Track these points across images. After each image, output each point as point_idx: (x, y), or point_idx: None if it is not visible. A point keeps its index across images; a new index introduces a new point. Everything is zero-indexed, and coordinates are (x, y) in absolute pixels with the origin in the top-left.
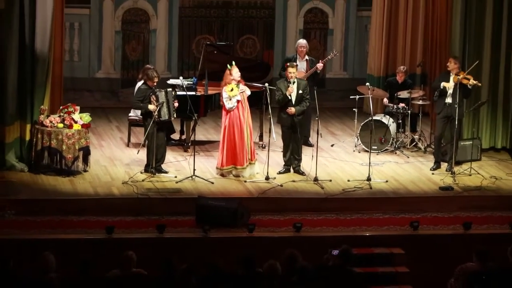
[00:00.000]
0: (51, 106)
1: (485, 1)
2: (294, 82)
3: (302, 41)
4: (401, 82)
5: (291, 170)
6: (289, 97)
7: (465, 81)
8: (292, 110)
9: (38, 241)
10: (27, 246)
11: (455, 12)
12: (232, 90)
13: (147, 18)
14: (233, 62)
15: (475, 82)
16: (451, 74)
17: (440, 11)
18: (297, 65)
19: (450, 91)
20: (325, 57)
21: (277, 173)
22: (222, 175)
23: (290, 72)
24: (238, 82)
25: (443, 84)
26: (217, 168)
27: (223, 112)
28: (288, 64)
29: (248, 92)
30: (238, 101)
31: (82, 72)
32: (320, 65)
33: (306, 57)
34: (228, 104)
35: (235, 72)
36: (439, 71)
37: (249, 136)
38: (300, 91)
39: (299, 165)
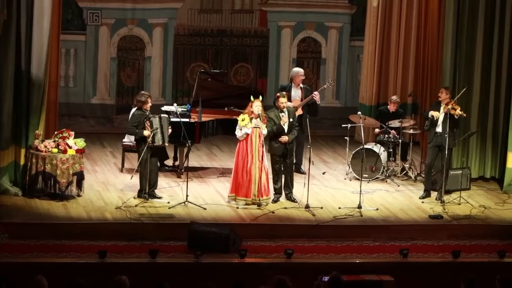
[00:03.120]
0: (46, 131)
1: (476, 32)
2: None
3: (301, 70)
4: (392, 112)
5: (284, 197)
6: (284, 126)
7: (452, 112)
8: (285, 138)
9: (31, 264)
10: (20, 269)
11: (446, 43)
12: (243, 120)
13: (143, 46)
14: (261, 97)
15: (460, 112)
16: (442, 104)
17: (431, 42)
18: (277, 95)
19: (440, 120)
20: (319, 86)
21: (271, 202)
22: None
23: (282, 102)
24: (257, 117)
25: (431, 113)
26: (228, 196)
27: (238, 143)
28: (278, 94)
29: (264, 132)
30: (247, 134)
31: (77, 97)
32: (316, 94)
33: (301, 85)
34: (236, 132)
35: (255, 106)
36: (430, 100)
37: (257, 172)
38: (291, 119)
39: (291, 192)
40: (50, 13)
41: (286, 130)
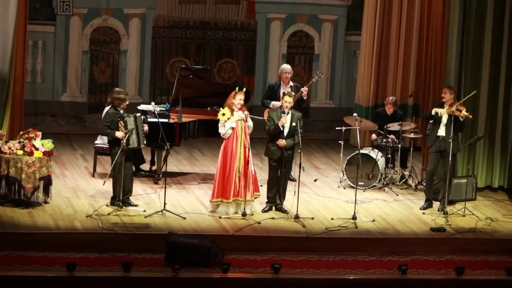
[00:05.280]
0: (10, 131)
1: (484, 27)
2: (288, 113)
3: (287, 67)
4: (391, 114)
5: (274, 207)
6: (281, 128)
7: (457, 113)
8: (283, 142)
9: None
10: None
11: (451, 40)
12: (224, 114)
13: (118, 38)
14: (244, 89)
15: (466, 114)
16: (445, 105)
17: (435, 38)
18: (284, 92)
19: (443, 123)
20: (309, 81)
21: (262, 211)
22: (213, 211)
23: (286, 101)
24: (240, 109)
25: (434, 109)
26: (210, 201)
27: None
28: (286, 92)
29: (250, 123)
30: (233, 129)
31: (45, 95)
32: (304, 89)
33: (291, 83)
34: (220, 130)
35: (237, 99)
36: (432, 102)
37: (241, 170)
38: (294, 124)
39: (282, 204)
40: (16, 1)
41: (285, 134)
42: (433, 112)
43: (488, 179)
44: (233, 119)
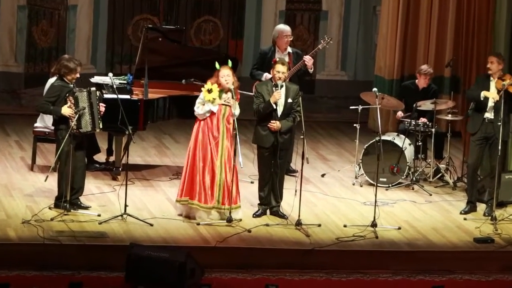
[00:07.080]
0: None
1: None
2: (282, 86)
3: (286, 28)
4: (422, 88)
5: (268, 211)
6: (273, 106)
7: (510, 88)
8: (276, 124)
9: None
10: None
11: None
12: (210, 91)
13: None
14: (229, 62)
15: None
16: (491, 78)
17: None
18: (274, 60)
19: (490, 101)
20: (315, 47)
21: (253, 216)
22: (186, 215)
23: (279, 72)
24: (228, 90)
25: (483, 93)
26: (176, 200)
27: (195, 123)
28: (277, 59)
29: (237, 111)
30: (212, 113)
31: None
32: (308, 59)
33: (289, 49)
34: (197, 109)
35: (223, 75)
36: (475, 73)
37: (223, 170)
38: (290, 100)
39: (279, 205)
40: None
41: (279, 113)
42: (481, 97)
43: None
44: (217, 102)
